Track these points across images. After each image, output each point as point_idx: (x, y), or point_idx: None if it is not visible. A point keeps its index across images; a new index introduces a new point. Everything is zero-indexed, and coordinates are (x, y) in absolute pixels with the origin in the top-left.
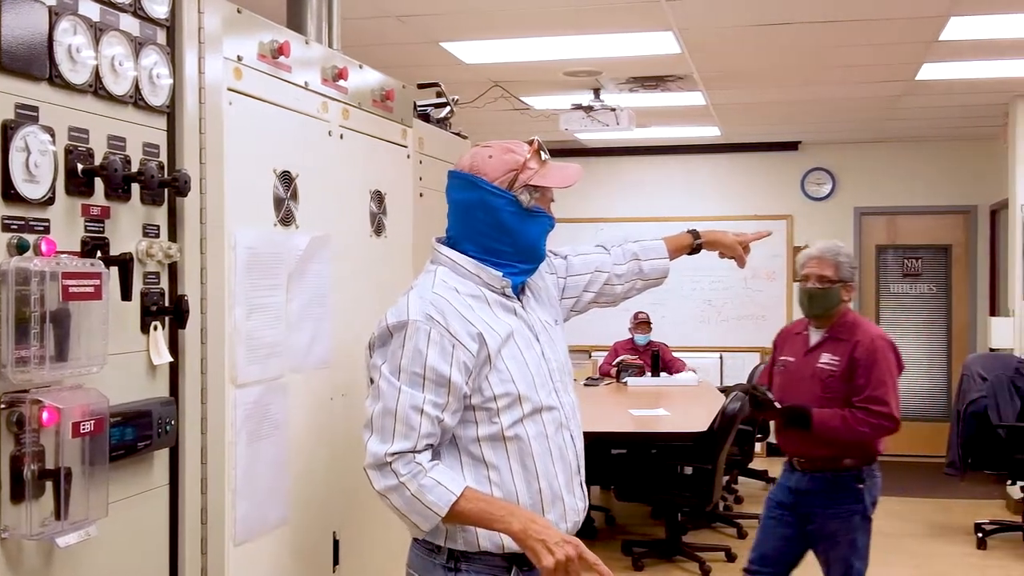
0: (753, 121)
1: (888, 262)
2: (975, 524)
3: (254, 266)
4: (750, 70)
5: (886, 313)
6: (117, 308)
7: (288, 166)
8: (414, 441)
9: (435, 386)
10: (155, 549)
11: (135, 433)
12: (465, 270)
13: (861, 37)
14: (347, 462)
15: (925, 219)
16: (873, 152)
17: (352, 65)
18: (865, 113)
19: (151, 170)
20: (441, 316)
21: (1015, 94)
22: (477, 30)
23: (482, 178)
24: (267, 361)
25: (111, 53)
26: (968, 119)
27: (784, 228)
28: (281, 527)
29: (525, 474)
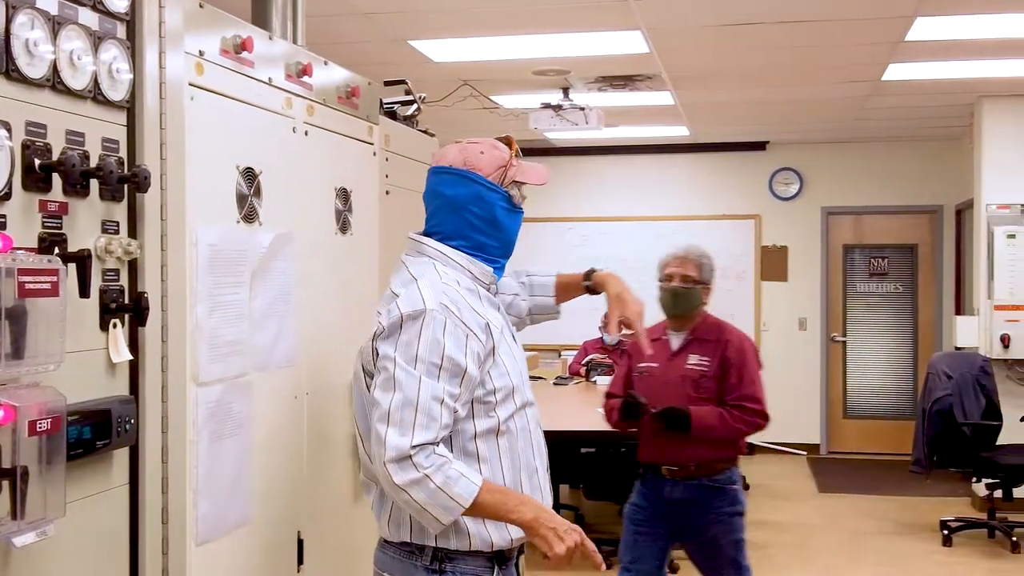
0: (721, 121)
1: (855, 261)
2: (941, 522)
3: (216, 263)
4: (718, 70)
5: (853, 312)
6: (75, 305)
7: (251, 163)
8: (435, 432)
9: (451, 376)
10: (115, 549)
11: (94, 432)
12: (457, 264)
13: (828, 37)
14: (312, 461)
15: (891, 219)
16: (840, 152)
17: (317, 61)
18: (832, 113)
19: (110, 165)
20: (455, 306)
21: (980, 94)
22: (446, 28)
23: (478, 173)
24: (229, 359)
25: (70, 47)
26: (934, 119)
27: (752, 228)
28: (244, 526)
29: (511, 467)
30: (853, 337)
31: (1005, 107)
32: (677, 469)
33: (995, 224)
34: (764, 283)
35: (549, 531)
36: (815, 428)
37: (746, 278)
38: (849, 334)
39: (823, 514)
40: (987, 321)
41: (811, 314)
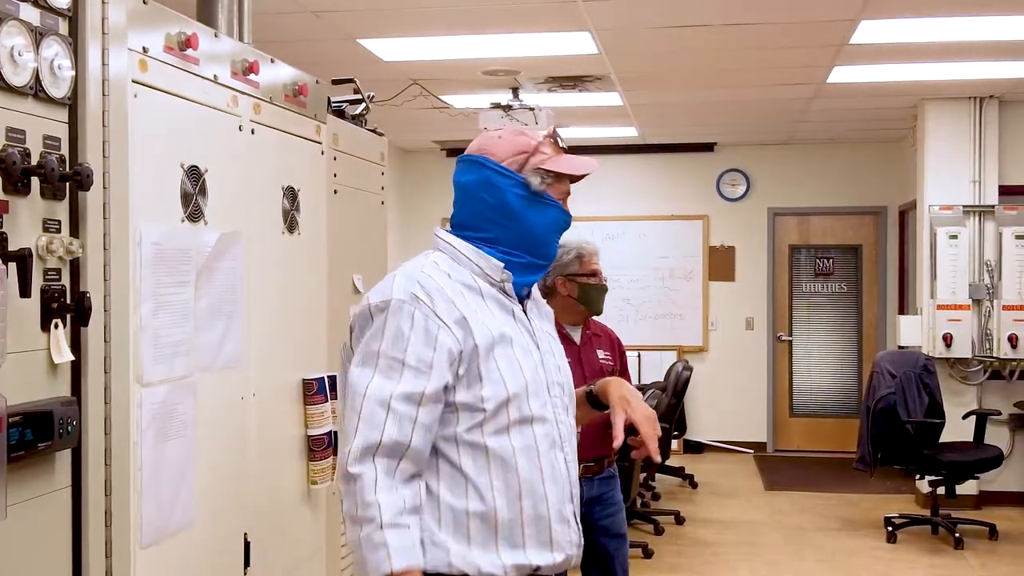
0: (669, 122)
1: (801, 261)
2: (885, 518)
3: (160, 263)
4: (666, 71)
5: (799, 311)
6: (16, 305)
7: (196, 161)
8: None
9: (416, 374)
10: (57, 551)
11: (35, 434)
12: (464, 257)
13: (774, 40)
14: (259, 462)
15: (836, 220)
16: (786, 154)
17: (263, 59)
18: (778, 115)
19: (52, 163)
20: (427, 297)
21: (923, 97)
22: (395, 27)
23: (489, 158)
24: (174, 360)
25: (10, 43)
26: (878, 121)
27: (701, 228)
28: (190, 528)
29: (507, 492)
30: (799, 336)
31: (947, 110)
32: (592, 464)
33: (937, 225)
34: (712, 283)
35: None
36: (762, 426)
37: (694, 278)
38: (795, 333)
39: (769, 511)
40: (930, 320)
41: (758, 313)
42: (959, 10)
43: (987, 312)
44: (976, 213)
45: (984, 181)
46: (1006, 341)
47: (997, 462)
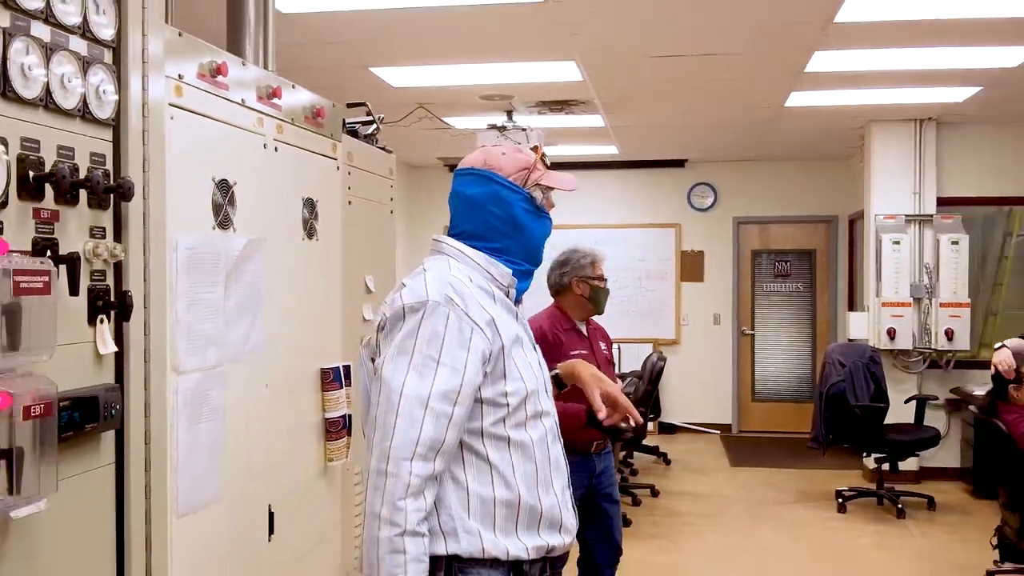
0: (646, 141)
1: (762, 264)
2: (835, 491)
3: (194, 265)
4: (643, 96)
5: (760, 308)
6: (66, 303)
7: (226, 175)
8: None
9: (451, 372)
10: (102, 521)
11: (82, 416)
12: (475, 263)
13: (738, 68)
14: (280, 443)
15: (793, 227)
16: (749, 169)
17: (286, 85)
18: (742, 135)
19: (97, 177)
20: (460, 299)
21: (869, 119)
22: (403, 57)
23: (498, 173)
24: (206, 351)
25: (61, 71)
26: (830, 140)
27: (673, 235)
28: (220, 501)
29: (527, 479)
30: (760, 330)
31: (891, 130)
32: (600, 442)
33: (882, 232)
34: (683, 283)
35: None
36: (727, 410)
37: (668, 279)
38: (757, 328)
39: (734, 485)
40: (875, 316)
41: (724, 310)
42: (901, 42)
43: (926, 309)
44: (916, 222)
45: (923, 193)
46: (943, 335)
47: (935, 441)
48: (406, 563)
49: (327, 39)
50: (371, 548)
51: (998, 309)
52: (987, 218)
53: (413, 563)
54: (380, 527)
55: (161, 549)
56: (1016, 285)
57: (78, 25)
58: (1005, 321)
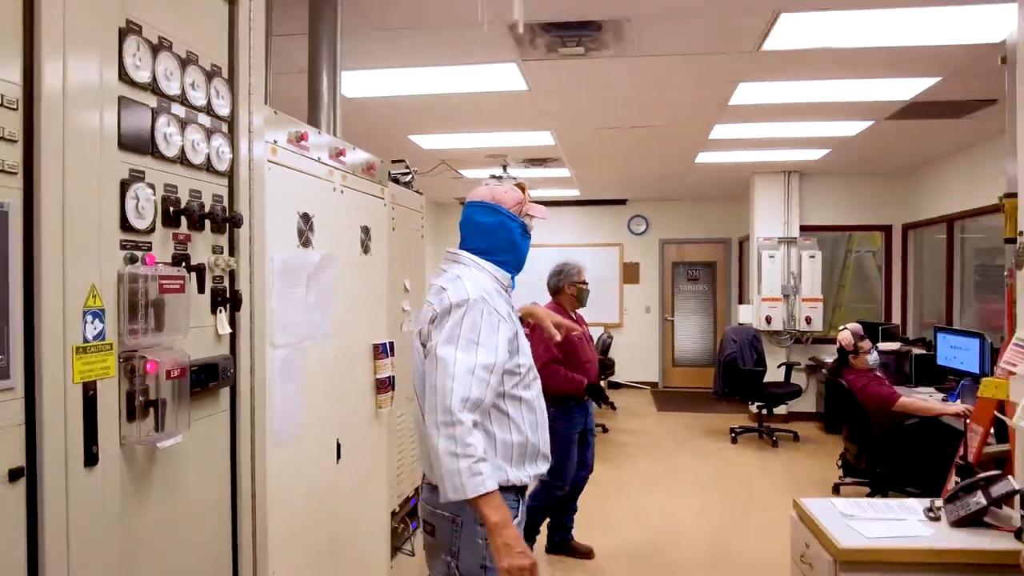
0: (598, 186)
1: (679, 272)
2: (730, 428)
3: (284, 273)
4: (596, 155)
5: (678, 302)
6: (195, 298)
7: (307, 209)
8: (473, 394)
9: (486, 351)
10: (221, 450)
11: (207, 377)
12: (486, 271)
13: (663, 136)
14: (343, 395)
15: (701, 246)
16: (671, 205)
17: (349, 147)
18: (665, 181)
19: (217, 211)
20: (489, 297)
21: (753, 171)
22: (431, 129)
23: (503, 207)
24: (293, 332)
25: (192, 138)
26: (726, 185)
27: (617, 252)
28: (302, 435)
29: (531, 426)
30: (678, 317)
31: (768, 179)
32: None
33: (762, 249)
34: (625, 285)
35: (504, 546)
36: (655, 372)
37: (614, 282)
38: (676, 315)
39: (660, 426)
40: (757, 307)
41: (653, 304)
42: (777, 118)
43: (792, 303)
44: (785, 242)
45: (790, 222)
46: (803, 320)
47: (798, 394)
48: (484, 480)
49: (378, 115)
50: (453, 477)
51: (842, 302)
52: (834, 240)
53: (490, 479)
54: (458, 460)
55: (261, 469)
56: (854, 286)
57: (204, 106)
58: (846, 311)
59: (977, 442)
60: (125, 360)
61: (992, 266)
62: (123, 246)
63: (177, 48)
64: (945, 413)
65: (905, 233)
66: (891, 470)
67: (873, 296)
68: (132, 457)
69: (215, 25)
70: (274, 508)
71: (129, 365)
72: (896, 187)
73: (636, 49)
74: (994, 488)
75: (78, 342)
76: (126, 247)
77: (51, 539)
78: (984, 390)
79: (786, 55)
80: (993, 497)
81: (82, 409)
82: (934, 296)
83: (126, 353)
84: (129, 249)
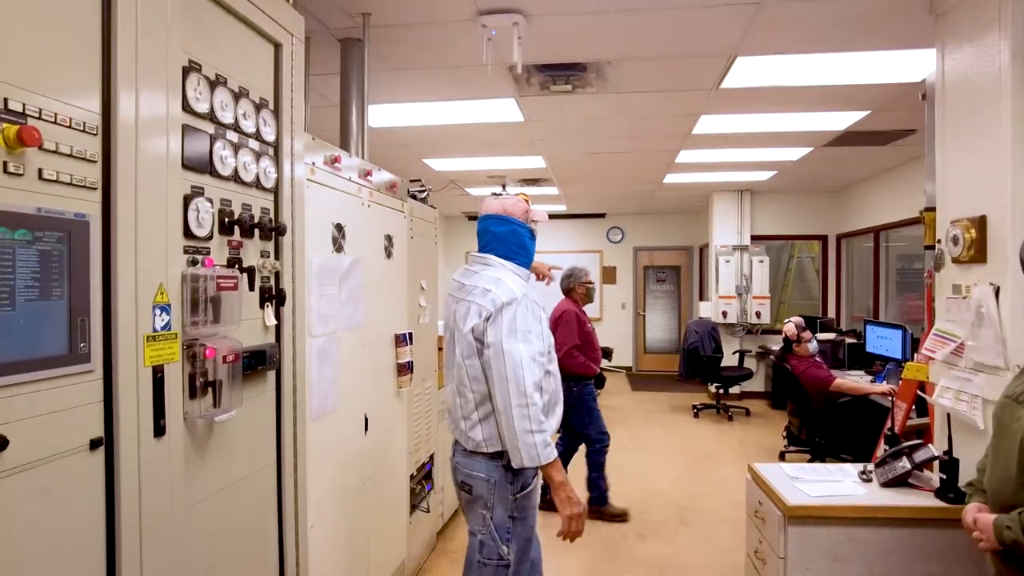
0: (582, 202)
1: (649, 275)
2: (692, 405)
3: (321, 274)
4: (580, 176)
5: (649, 300)
6: (247, 295)
7: (340, 220)
8: (538, 376)
9: (536, 338)
10: (268, 423)
11: (256, 362)
12: (514, 270)
13: (635, 160)
14: (371, 376)
15: (668, 252)
16: (643, 218)
17: (375, 168)
18: (639, 198)
19: (265, 222)
20: (530, 294)
21: (712, 190)
22: (441, 154)
23: (514, 217)
24: (328, 324)
25: (243, 160)
26: (689, 201)
27: (598, 257)
28: (336, 411)
29: (555, 396)
30: (649, 312)
31: (725, 196)
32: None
33: (719, 255)
34: (605, 285)
35: (565, 497)
36: (630, 358)
37: (595, 283)
38: (647, 311)
39: (633, 402)
40: (715, 304)
41: (627, 301)
42: (734, 145)
43: (744, 300)
44: (739, 249)
45: (743, 232)
46: (754, 314)
47: (749, 376)
48: (552, 450)
49: (398, 142)
50: (531, 449)
51: (785, 299)
52: (779, 247)
53: (554, 449)
54: (534, 436)
55: (302, 439)
56: (795, 286)
57: (254, 133)
58: (789, 307)
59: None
60: (188, 347)
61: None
62: (186, 251)
63: (231, 84)
64: (873, 392)
65: (839, 241)
66: (828, 440)
67: (811, 294)
68: (193, 429)
69: (263, 65)
70: (312, 473)
71: (191, 351)
72: (831, 203)
73: (615, 87)
74: (917, 455)
75: (148, 332)
76: (188, 251)
77: (125, 498)
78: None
79: (740, 92)
80: (916, 462)
81: (152, 388)
82: (862, 294)
83: (188, 341)
84: (191, 253)
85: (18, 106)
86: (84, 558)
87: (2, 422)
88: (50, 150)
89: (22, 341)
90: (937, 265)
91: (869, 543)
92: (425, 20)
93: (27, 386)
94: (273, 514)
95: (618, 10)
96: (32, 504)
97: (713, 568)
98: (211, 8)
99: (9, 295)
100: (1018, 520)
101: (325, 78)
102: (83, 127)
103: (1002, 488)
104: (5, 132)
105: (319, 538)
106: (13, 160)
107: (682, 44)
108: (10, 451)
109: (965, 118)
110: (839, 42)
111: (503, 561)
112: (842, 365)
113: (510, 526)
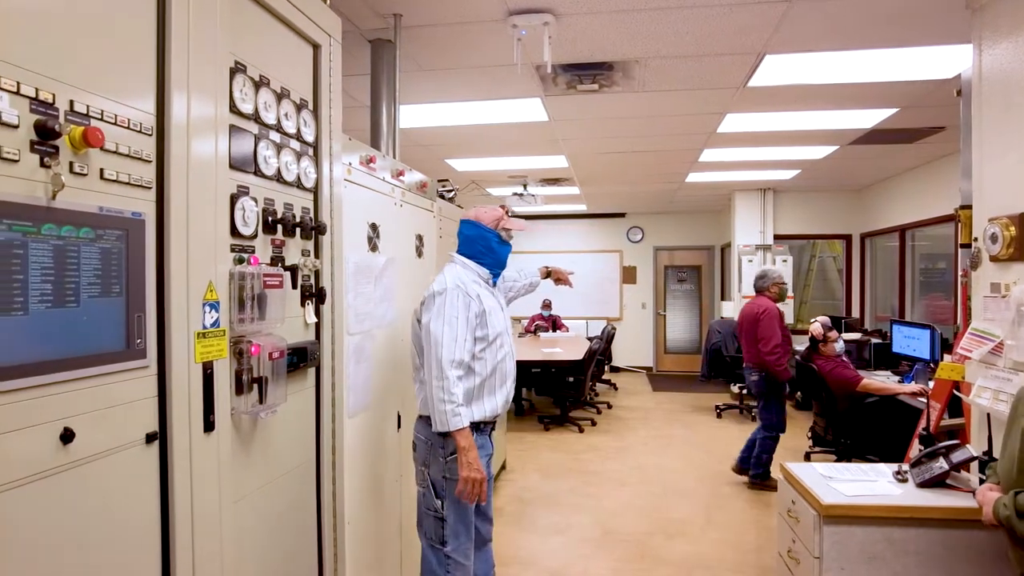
0: (602, 201)
1: (670, 275)
2: (715, 405)
3: (358, 272)
4: (601, 176)
5: (669, 299)
6: (289, 293)
7: (375, 220)
8: (460, 354)
9: (463, 324)
10: (308, 418)
11: (298, 358)
12: (472, 268)
13: (657, 159)
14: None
15: (688, 252)
16: (664, 217)
17: (407, 168)
18: (660, 197)
19: (306, 221)
20: (464, 285)
21: (734, 189)
22: (464, 154)
23: (480, 222)
24: (364, 322)
25: (285, 160)
26: (711, 201)
27: (618, 257)
28: (370, 407)
29: (491, 372)
30: (669, 312)
31: (747, 196)
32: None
33: (742, 254)
34: (624, 285)
35: (466, 462)
36: (650, 358)
37: (615, 282)
38: (667, 311)
39: (654, 402)
40: (738, 304)
41: (648, 301)
42: (757, 144)
43: None
44: (762, 248)
45: (766, 231)
46: None
47: None
48: (462, 419)
49: (422, 142)
50: (442, 416)
51: (808, 299)
52: (801, 246)
53: (466, 417)
54: (445, 404)
55: (340, 435)
56: (817, 285)
57: (295, 134)
58: (810, 307)
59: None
60: (234, 344)
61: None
62: (232, 249)
63: (274, 84)
64: (903, 392)
65: (863, 240)
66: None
67: (832, 294)
68: (239, 425)
69: (302, 66)
70: (348, 467)
71: (237, 348)
72: (855, 201)
73: (642, 86)
74: (954, 455)
75: (199, 328)
76: (235, 250)
77: (178, 489)
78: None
79: (767, 90)
80: (954, 463)
81: (202, 384)
82: (886, 294)
83: (235, 338)
84: (237, 252)
85: (83, 108)
86: (141, 549)
87: (68, 415)
88: (110, 150)
89: (86, 337)
90: (974, 263)
91: (906, 543)
92: (456, 20)
93: (90, 380)
94: (312, 506)
95: (648, 8)
96: (94, 497)
97: (742, 568)
98: (255, 10)
99: (74, 292)
100: (1012, 501)
101: (354, 79)
102: (139, 128)
103: (1007, 476)
104: (72, 133)
105: (354, 534)
106: (78, 160)
107: (711, 42)
108: (75, 444)
109: (1003, 114)
110: (871, 38)
111: (438, 514)
112: (868, 365)
113: (444, 484)
